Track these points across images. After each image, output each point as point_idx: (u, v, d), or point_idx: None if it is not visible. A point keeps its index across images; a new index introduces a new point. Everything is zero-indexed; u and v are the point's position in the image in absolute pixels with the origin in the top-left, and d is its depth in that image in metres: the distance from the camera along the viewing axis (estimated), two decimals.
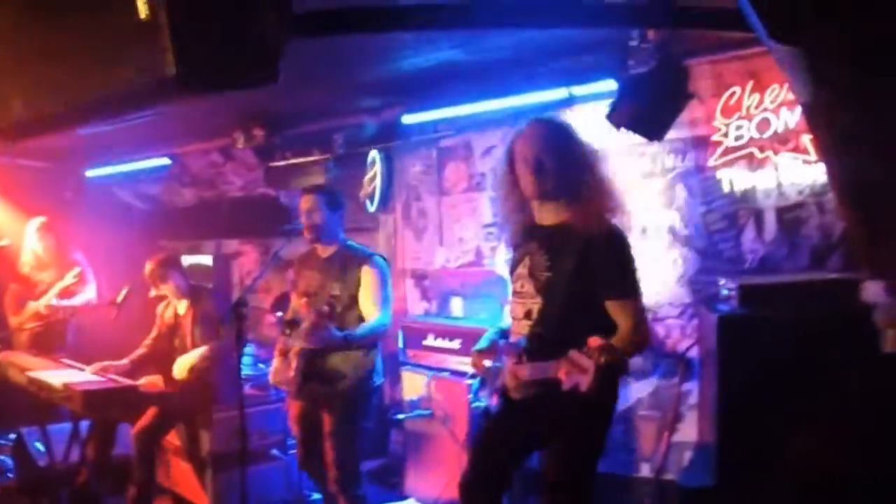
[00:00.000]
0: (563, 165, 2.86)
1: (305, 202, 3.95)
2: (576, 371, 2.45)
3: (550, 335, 2.86)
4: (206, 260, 7.35)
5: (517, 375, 2.86)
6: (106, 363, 4.68)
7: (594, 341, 2.47)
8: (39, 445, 4.86)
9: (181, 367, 4.55)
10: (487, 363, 3.12)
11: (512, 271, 3.11)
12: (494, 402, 3.02)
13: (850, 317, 2.97)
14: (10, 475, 5.11)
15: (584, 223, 2.82)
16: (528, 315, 2.96)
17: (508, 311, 3.16)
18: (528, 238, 3.03)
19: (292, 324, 4.00)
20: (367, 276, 3.89)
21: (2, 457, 4.78)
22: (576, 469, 3.03)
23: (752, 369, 3.33)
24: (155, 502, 4.69)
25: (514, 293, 3.08)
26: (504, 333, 3.27)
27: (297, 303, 4.07)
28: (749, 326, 3.45)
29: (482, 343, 3.20)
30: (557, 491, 3.05)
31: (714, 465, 3.37)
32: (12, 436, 5.17)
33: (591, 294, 2.83)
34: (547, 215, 2.97)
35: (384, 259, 4.04)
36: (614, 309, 2.82)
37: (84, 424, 4.65)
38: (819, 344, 3.15)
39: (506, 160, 3.03)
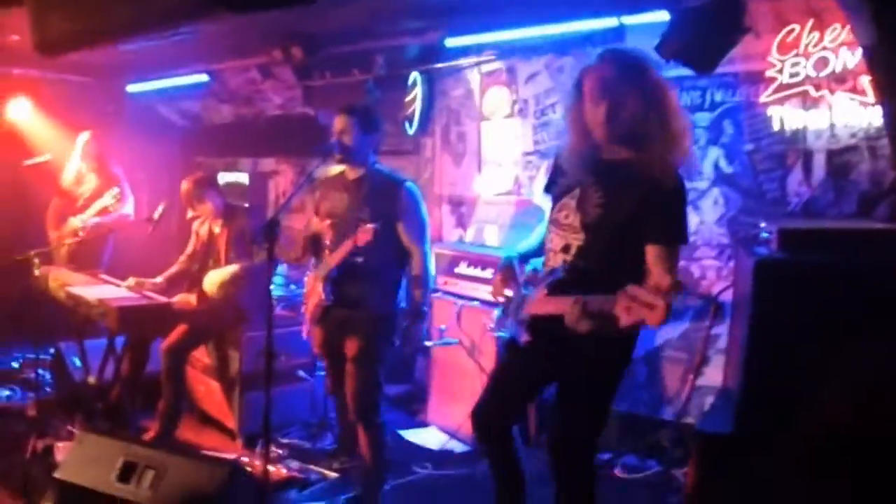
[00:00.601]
0: (635, 111, 2.70)
1: (339, 122, 3.84)
2: (640, 307, 2.37)
3: (589, 271, 2.80)
4: (243, 178, 7.35)
5: (567, 311, 2.67)
6: (141, 280, 4.73)
7: (665, 280, 2.47)
8: (77, 360, 4.96)
9: (211, 281, 4.57)
10: (509, 293, 3.09)
11: (557, 198, 2.99)
12: (524, 338, 2.94)
13: (891, 268, 2.85)
14: (49, 389, 5.21)
15: (650, 167, 2.70)
16: (566, 249, 2.88)
17: (543, 239, 3.07)
18: (585, 169, 2.89)
19: (315, 246, 3.99)
20: (402, 204, 3.80)
21: (41, 371, 4.89)
22: (590, 406, 3.00)
23: (786, 317, 3.21)
24: (183, 418, 4.77)
25: (555, 222, 2.97)
26: (524, 258, 3.22)
27: (320, 225, 4.01)
28: (786, 272, 3.28)
29: (504, 270, 3.12)
30: (569, 427, 3.03)
31: (735, 413, 3.29)
32: (52, 350, 5.27)
33: (637, 237, 2.74)
34: (610, 150, 2.84)
35: (415, 185, 3.95)
36: (654, 254, 2.73)
37: (119, 341, 4.73)
38: (858, 296, 3.02)
39: (575, 92, 2.87)
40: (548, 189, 3.13)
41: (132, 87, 7.50)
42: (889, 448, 1.02)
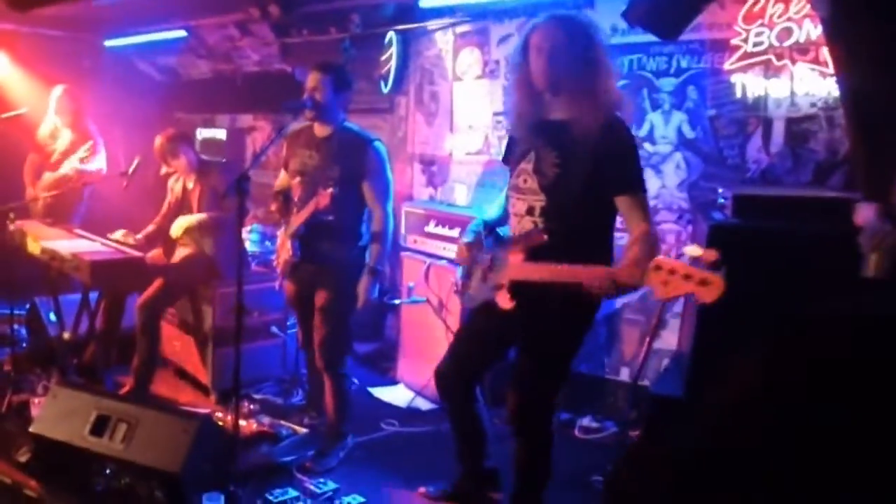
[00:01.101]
0: (576, 60, 2.84)
1: (312, 79, 3.86)
2: (681, 282, 2.45)
3: (555, 231, 2.91)
4: (220, 134, 7.36)
5: (596, 282, 2.68)
6: (125, 231, 4.77)
7: (710, 254, 2.49)
8: (53, 316, 5.01)
9: (177, 225, 4.63)
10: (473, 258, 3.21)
11: (514, 165, 3.10)
12: (508, 304, 3.00)
13: (840, 237, 2.93)
14: (25, 344, 5.26)
15: (597, 122, 2.82)
16: (530, 211, 2.98)
17: (506, 206, 3.18)
18: (535, 132, 3.00)
19: (284, 201, 4.05)
20: (369, 163, 3.86)
21: (17, 326, 4.96)
22: (552, 366, 3.12)
23: (737, 283, 3.29)
24: (157, 374, 4.84)
25: (515, 188, 3.07)
26: (489, 226, 3.32)
27: (288, 181, 4.08)
28: (739, 237, 3.35)
29: (469, 236, 3.26)
30: (529, 387, 3.13)
31: (685, 376, 3.40)
32: (27, 305, 5.32)
33: (598, 192, 2.86)
34: (557, 109, 2.96)
35: (382, 144, 3.99)
36: (626, 204, 2.85)
37: (94, 296, 4.77)
38: (805, 262, 3.11)
39: (521, 50, 2.99)
40: (505, 160, 3.24)
41: (109, 42, 7.45)
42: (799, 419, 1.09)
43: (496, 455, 3.58)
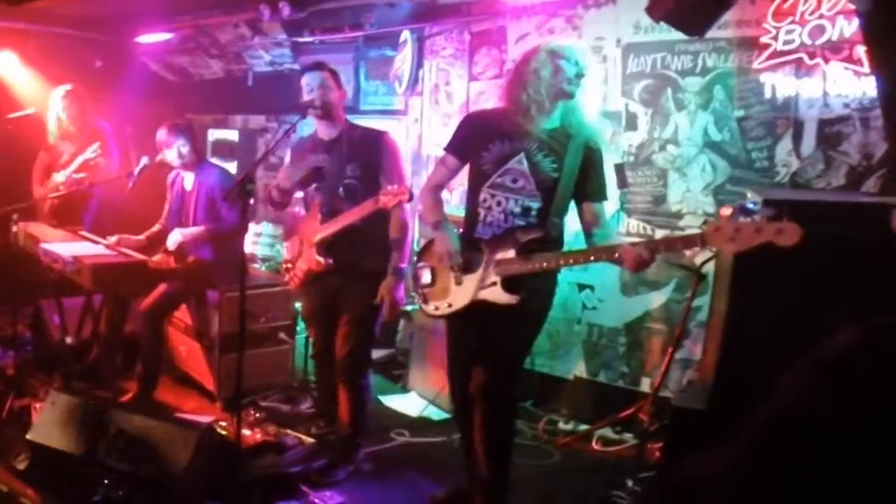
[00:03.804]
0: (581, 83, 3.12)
1: (315, 78, 3.74)
2: (752, 233, 2.58)
3: (550, 228, 3.13)
4: (232, 135, 7.25)
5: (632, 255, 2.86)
6: (123, 236, 4.66)
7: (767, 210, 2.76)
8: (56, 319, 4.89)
9: (172, 240, 4.53)
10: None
11: (494, 164, 3.19)
12: (514, 299, 3.11)
13: (877, 245, 2.77)
14: (29, 348, 5.17)
15: (582, 134, 3.13)
16: (526, 211, 3.15)
17: (475, 202, 3.27)
18: (524, 136, 3.14)
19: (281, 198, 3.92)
20: (384, 156, 3.73)
21: (21, 329, 4.86)
22: (524, 339, 3.29)
23: (766, 293, 3.13)
24: (162, 380, 4.75)
25: (499, 186, 3.19)
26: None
27: (302, 189, 3.93)
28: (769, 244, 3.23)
29: (456, 244, 3.26)
30: (499, 361, 3.20)
31: (709, 389, 3.24)
32: (32, 309, 5.22)
33: (579, 195, 3.19)
34: (553, 117, 3.14)
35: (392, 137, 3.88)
36: (593, 210, 3.20)
37: (98, 300, 4.67)
38: (843, 271, 2.94)
39: (530, 57, 3.16)
40: (463, 154, 3.32)
41: (121, 41, 7.36)
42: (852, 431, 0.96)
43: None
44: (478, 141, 3.25)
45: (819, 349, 1.07)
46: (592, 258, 3.13)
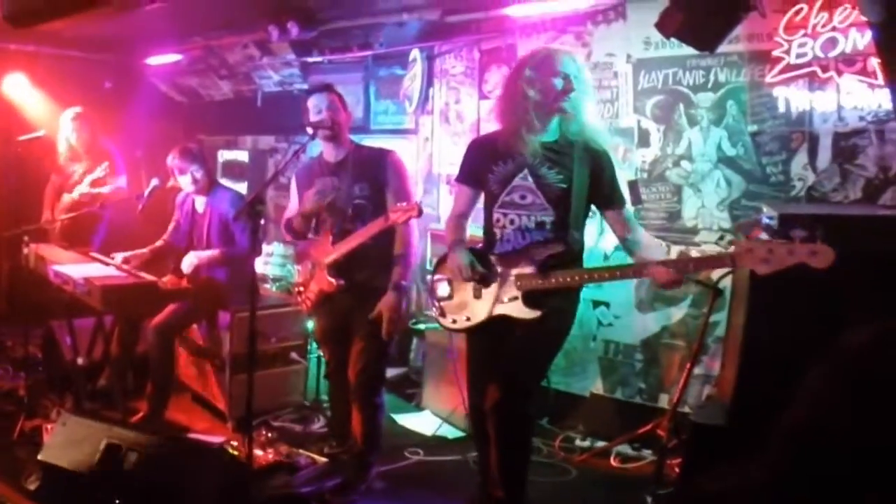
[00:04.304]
0: (586, 90, 3.17)
1: (323, 99, 3.75)
2: (784, 255, 2.65)
3: (564, 241, 3.13)
4: (242, 156, 7.26)
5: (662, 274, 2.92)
6: (128, 254, 4.66)
7: (799, 232, 2.71)
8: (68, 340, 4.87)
9: (187, 263, 4.54)
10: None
11: (502, 182, 3.23)
12: (533, 314, 3.13)
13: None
14: (41, 369, 5.15)
15: (588, 142, 3.14)
16: (540, 226, 3.16)
17: (490, 222, 3.30)
18: (527, 152, 3.16)
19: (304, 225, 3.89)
20: (389, 174, 3.73)
21: (32, 350, 4.83)
22: (535, 366, 3.29)
23: (785, 308, 3.10)
24: (174, 400, 4.73)
25: (509, 204, 3.22)
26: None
27: (312, 212, 3.86)
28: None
29: (469, 258, 3.26)
30: (515, 376, 3.17)
31: (729, 405, 3.20)
32: (43, 330, 5.18)
33: (588, 205, 3.22)
34: (548, 130, 3.16)
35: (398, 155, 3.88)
36: (615, 217, 3.24)
37: (109, 320, 4.64)
38: (862, 286, 2.90)
39: (521, 70, 3.18)
40: (475, 181, 3.35)
41: (130, 63, 7.39)
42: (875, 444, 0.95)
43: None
44: (484, 164, 3.29)
45: (832, 352, 1.05)
46: (619, 275, 3.18)
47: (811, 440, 1.01)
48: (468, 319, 3.31)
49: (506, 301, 3.17)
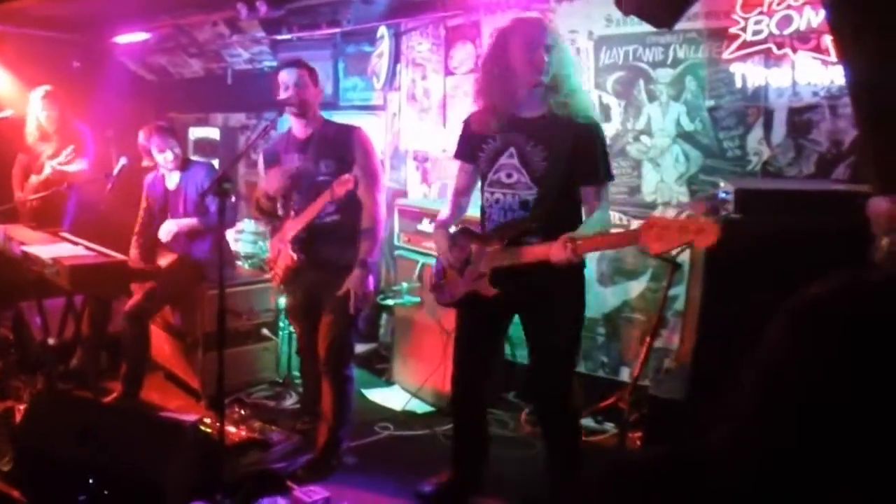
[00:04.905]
0: (564, 59, 3.09)
1: (291, 75, 3.73)
2: (677, 233, 2.63)
3: (547, 219, 3.07)
4: (214, 133, 7.26)
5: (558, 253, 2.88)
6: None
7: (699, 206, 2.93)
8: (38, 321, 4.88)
9: (165, 230, 4.59)
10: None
11: (488, 162, 3.23)
12: (490, 291, 3.16)
13: (850, 232, 2.80)
14: (12, 350, 5.15)
15: (572, 117, 3.05)
16: (524, 205, 3.14)
17: (483, 201, 3.30)
18: (510, 129, 3.15)
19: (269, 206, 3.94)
20: (356, 151, 3.76)
21: (3, 332, 4.85)
22: (560, 340, 3.24)
23: (740, 280, 3.17)
24: (147, 379, 4.77)
25: (496, 183, 3.21)
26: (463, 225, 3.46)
27: (279, 189, 3.90)
28: (742, 233, 3.19)
29: (447, 241, 3.35)
30: (546, 368, 3.26)
31: (687, 377, 3.29)
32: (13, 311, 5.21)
33: (573, 181, 3.10)
34: (533, 105, 3.12)
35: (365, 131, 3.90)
36: (591, 193, 3.13)
37: (79, 300, 4.66)
38: (814, 258, 2.98)
39: (499, 49, 3.13)
40: (470, 156, 3.34)
41: (98, 42, 7.33)
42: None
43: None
44: (475, 141, 3.29)
45: (794, 299, 1.08)
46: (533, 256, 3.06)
47: (775, 380, 1.01)
48: (451, 297, 3.37)
49: (477, 277, 3.21)
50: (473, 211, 3.53)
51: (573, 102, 3.07)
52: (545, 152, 3.08)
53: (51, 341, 4.66)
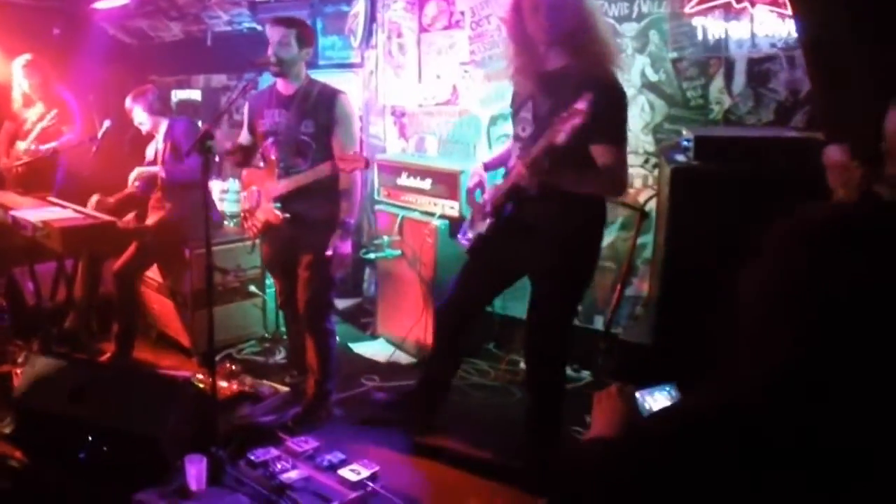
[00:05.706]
0: (572, 16, 3.02)
1: (276, 33, 3.77)
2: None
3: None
4: (196, 95, 7.32)
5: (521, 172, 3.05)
6: (98, 197, 4.76)
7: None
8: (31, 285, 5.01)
9: (132, 177, 4.70)
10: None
11: (515, 115, 3.33)
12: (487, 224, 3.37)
13: (806, 178, 2.91)
14: (5, 315, 5.19)
15: (592, 72, 2.99)
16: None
17: (513, 158, 3.35)
18: (532, 82, 3.19)
19: (243, 156, 4.09)
20: (338, 114, 3.82)
21: None
22: (561, 294, 3.34)
23: (701, 226, 3.24)
24: (139, 339, 4.89)
25: (516, 137, 3.33)
26: (487, 168, 3.64)
27: (250, 141, 4.08)
28: (701, 180, 3.24)
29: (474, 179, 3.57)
30: (543, 316, 3.36)
31: (653, 323, 3.41)
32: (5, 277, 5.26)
33: (586, 139, 3.00)
34: (553, 59, 3.12)
35: (348, 96, 3.97)
36: (599, 152, 3.07)
37: (70, 263, 4.78)
38: (770, 204, 3.07)
39: (513, 7, 3.17)
40: (512, 115, 3.41)
41: (77, 8, 7.33)
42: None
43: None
44: (514, 99, 3.41)
45: (791, 222, 1.09)
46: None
47: (796, 315, 0.99)
48: (473, 239, 3.53)
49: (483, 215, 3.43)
50: None
51: (594, 56, 3.04)
52: (555, 106, 3.03)
53: (44, 305, 4.78)
